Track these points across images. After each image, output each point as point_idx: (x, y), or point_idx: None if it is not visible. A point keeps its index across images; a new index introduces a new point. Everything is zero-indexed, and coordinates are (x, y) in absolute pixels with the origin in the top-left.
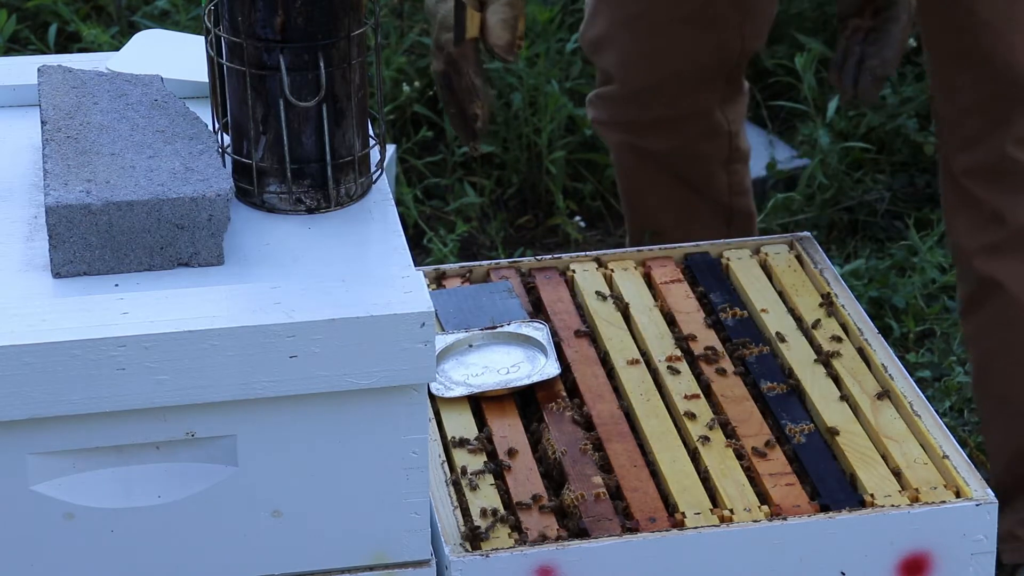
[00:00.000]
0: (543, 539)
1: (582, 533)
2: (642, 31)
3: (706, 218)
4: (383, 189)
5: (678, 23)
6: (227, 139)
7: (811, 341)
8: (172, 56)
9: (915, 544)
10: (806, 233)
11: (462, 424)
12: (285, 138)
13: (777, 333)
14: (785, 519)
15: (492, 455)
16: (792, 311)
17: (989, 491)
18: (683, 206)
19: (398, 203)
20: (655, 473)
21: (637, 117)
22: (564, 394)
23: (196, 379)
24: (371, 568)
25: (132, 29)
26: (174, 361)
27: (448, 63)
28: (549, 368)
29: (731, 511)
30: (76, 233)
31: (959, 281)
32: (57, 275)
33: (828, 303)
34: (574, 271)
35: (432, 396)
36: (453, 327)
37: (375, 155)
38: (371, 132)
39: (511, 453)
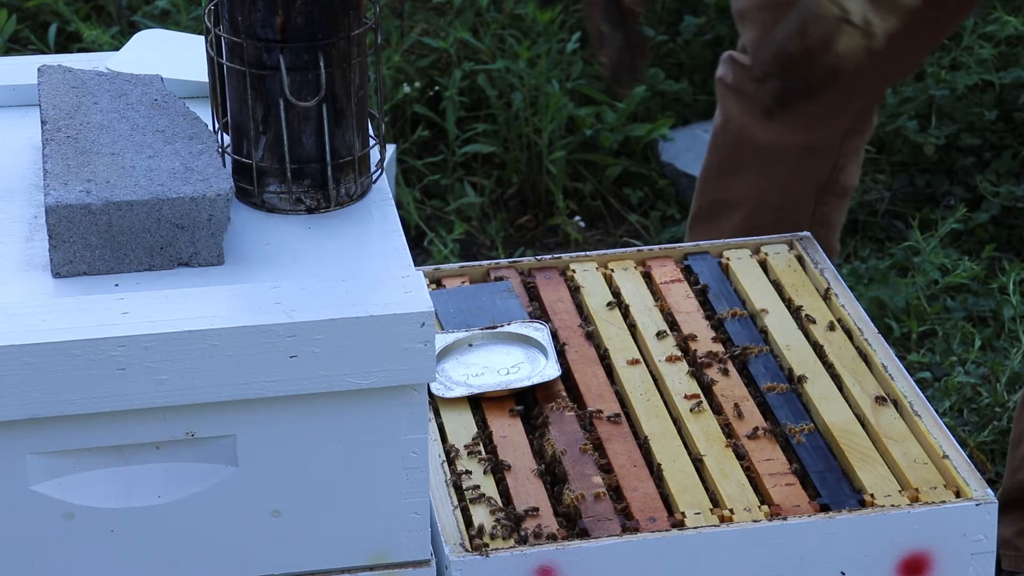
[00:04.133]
0: (543, 539)
1: (582, 533)
2: (784, 16)
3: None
4: (383, 189)
5: None
6: (227, 139)
7: (811, 341)
8: (172, 56)
9: (915, 544)
10: (806, 233)
11: (462, 424)
12: (285, 138)
13: (777, 333)
14: (785, 519)
15: (492, 455)
16: (792, 311)
17: (989, 491)
18: (764, 210)
19: (398, 205)
20: (655, 473)
21: (758, 95)
22: (564, 394)
23: (196, 379)
24: (371, 568)
25: (132, 29)
26: (174, 361)
27: (585, 11)
28: (549, 370)
29: (731, 511)
30: (76, 233)
31: None
32: (57, 275)
33: (828, 303)
34: (574, 271)
35: (432, 396)
36: (453, 327)
37: (375, 155)
38: (371, 132)
39: (511, 453)
